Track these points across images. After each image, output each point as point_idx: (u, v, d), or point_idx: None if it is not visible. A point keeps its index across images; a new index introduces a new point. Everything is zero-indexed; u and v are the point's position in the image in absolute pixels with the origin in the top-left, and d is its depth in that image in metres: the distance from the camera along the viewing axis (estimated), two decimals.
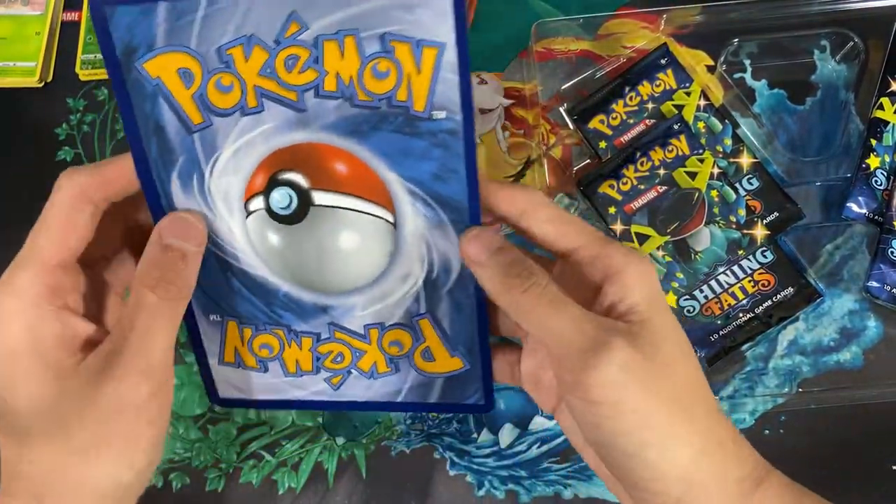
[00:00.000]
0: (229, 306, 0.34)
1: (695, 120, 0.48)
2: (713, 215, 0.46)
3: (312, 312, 0.33)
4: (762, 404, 0.46)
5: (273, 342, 0.35)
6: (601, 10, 0.54)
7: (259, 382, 0.36)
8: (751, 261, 0.46)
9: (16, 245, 0.52)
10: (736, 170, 0.48)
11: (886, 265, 0.45)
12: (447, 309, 0.33)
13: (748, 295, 0.45)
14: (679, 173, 0.46)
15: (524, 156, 0.52)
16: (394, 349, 0.34)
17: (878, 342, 0.47)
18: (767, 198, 0.47)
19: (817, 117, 0.50)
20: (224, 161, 0.30)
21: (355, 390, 0.35)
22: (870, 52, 0.51)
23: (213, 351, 0.35)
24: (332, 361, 0.35)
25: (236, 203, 0.31)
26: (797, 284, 0.46)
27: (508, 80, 0.54)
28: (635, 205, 0.47)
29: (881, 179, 0.47)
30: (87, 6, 0.58)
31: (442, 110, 0.28)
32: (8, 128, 0.55)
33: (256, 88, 0.28)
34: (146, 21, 0.27)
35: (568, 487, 0.46)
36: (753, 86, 0.51)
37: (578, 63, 0.53)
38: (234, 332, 0.34)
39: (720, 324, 0.46)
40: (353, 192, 0.30)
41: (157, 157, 0.30)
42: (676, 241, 0.46)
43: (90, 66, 0.56)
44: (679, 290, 0.46)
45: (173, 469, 0.48)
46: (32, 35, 0.57)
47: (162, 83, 0.28)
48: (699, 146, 0.47)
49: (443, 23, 0.27)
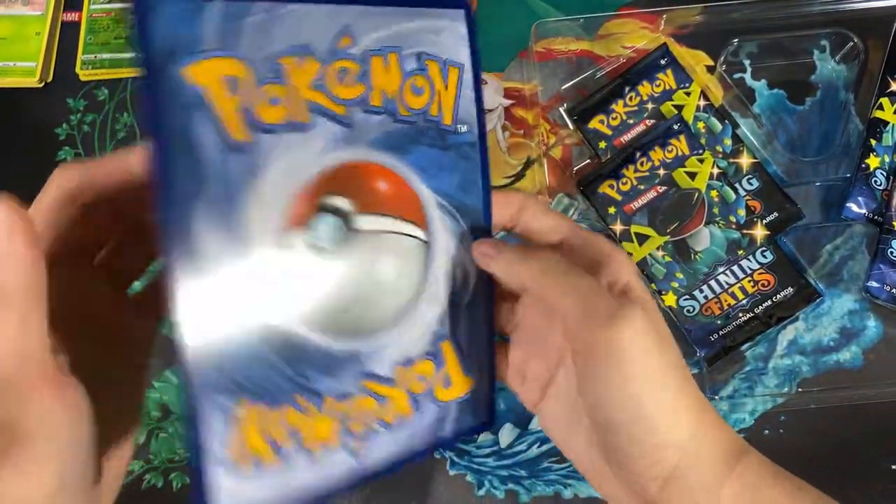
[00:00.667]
0: (244, 377, 0.27)
1: (694, 120, 0.48)
2: (713, 215, 0.46)
3: (342, 362, 0.30)
4: (762, 404, 0.46)
5: (292, 417, 0.28)
6: (601, 10, 0.54)
7: (274, 484, 0.28)
8: (750, 261, 0.46)
9: None
10: (736, 170, 0.48)
11: (886, 265, 0.46)
12: (465, 326, 0.33)
13: (748, 295, 0.45)
14: (679, 173, 0.46)
15: (524, 156, 0.52)
16: (419, 385, 0.32)
17: (878, 342, 0.47)
18: (767, 198, 0.47)
19: (817, 117, 0.50)
20: (264, 186, 0.26)
21: (380, 451, 0.31)
22: (869, 53, 0.51)
23: (214, 450, 0.26)
24: (357, 422, 0.30)
25: (274, 235, 0.27)
26: (797, 284, 0.46)
27: (508, 80, 0.54)
28: (635, 205, 0.47)
29: (881, 179, 0.47)
30: (87, 6, 0.58)
31: (464, 124, 0.31)
32: (8, 128, 0.55)
33: (307, 102, 0.27)
34: (194, 20, 0.24)
35: (568, 487, 0.46)
36: (753, 86, 0.51)
37: (578, 63, 0.53)
38: (247, 413, 0.27)
39: (720, 324, 0.46)
40: (393, 212, 0.30)
41: (181, 180, 0.25)
42: (676, 242, 0.46)
43: (90, 66, 0.56)
44: (679, 290, 0.46)
45: (173, 469, 0.48)
46: (33, 35, 0.57)
47: (204, 92, 0.25)
48: (699, 146, 0.47)
49: (462, 46, 0.30)
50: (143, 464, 0.48)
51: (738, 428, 0.46)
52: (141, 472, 0.48)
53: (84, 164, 0.28)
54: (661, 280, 0.46)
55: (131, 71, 0.56)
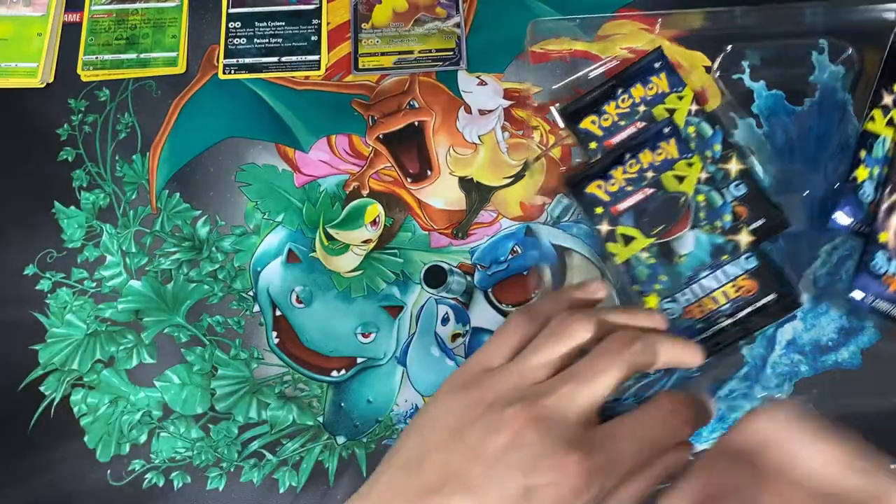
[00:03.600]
0: None
1: (686, 124, 0.48)
2: (699, 220, 0.46)
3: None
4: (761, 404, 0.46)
5: None
6: (600, 11, 0.54)
7: None
8: (734, 266, 0.45)
9: (17, 244, 0.53)
10: (724, 175, 0.47)
11: (869, 277, 0.45)
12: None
13: (730, 300, 0.45)
14: (667, 176, 0.46)
15: (524, 156, 0.53)
16: None
17: (877, 342, 0.47)
18: (754, 204, 0.47)
19: (815, 118, 0.51)
20: None
21: None
22: (865, 63, 0.51)
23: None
24: None
25: None
26: (778, 292, 0.45)
27: (508, 80, 0.54)
28: (622, 206, 0.47)
29: (868, 192, 0.47)
30: (89, 6, 0.58)
31: None
32: (9, 128, 0.56)
33: None
34: None
35: None
36: (752, 86, 0.51)
37: (578, 64, 0.53)
38: None
39: (701, 327, 0.45)
40: None
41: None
42: (661, 244, 0.46)
43: (91, 66, 0.56)
44: (662, 292, 0.46)
45: (174, 468, 0.48)
46: (34, 36, 0.57)
47: None
48: (688, 150, 0.47)
49: None
50: (144, 463, 0.48)
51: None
52: (142, 472, 0.48)
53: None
54: (645, 281, 0.46)
55: (132, 72, 0.56)
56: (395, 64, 0.55)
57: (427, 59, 0.55)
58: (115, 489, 0.48)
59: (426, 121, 0.54)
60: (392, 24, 0.56)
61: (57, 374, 0.50)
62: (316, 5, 0.57)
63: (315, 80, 0.56)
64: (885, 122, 0.47)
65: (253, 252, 0.52)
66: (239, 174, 0.54)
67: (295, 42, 0.56)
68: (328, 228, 0.52)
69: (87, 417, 0.49)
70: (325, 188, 0.53)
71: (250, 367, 0.50)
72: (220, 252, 0.52)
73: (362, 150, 0.54)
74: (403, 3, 0.57)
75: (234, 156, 0.54)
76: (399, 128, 0.54)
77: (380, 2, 0.57)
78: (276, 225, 0.52)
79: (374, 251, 0.52)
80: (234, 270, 0.52)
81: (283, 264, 0.52)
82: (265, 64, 0.56)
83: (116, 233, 0.53)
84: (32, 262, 0.53)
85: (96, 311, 0.51)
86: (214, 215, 0.53)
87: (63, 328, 0.51)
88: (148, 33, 0.57)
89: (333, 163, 0.54)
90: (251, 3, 0.58)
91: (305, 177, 0.53)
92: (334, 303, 0.51)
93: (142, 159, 0.54)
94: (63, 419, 0.49)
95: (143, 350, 0.50)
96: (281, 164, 0.54)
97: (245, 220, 0.53)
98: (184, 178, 0.54)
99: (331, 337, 0.50)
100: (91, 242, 0.53)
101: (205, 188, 0.54)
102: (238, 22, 0.57)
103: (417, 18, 0.57)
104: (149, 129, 0.55)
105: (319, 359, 0.50)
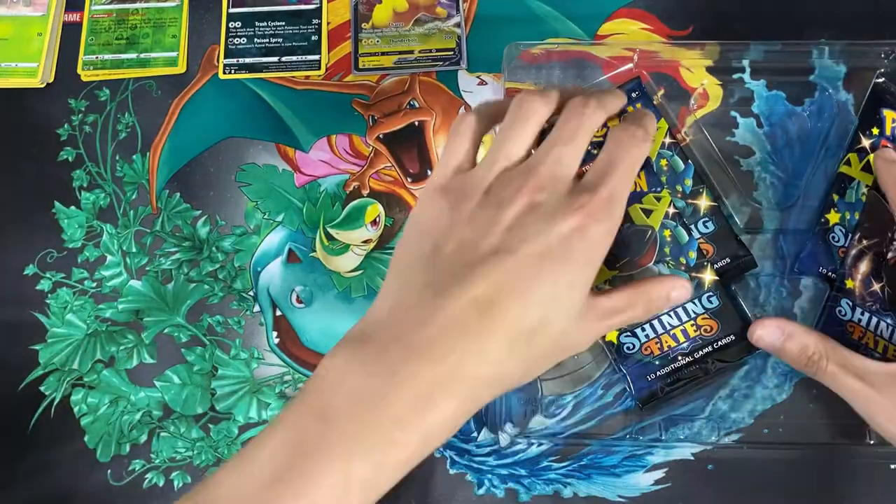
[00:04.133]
0: None
1: (658, 157, 0.47)
2: (663, 255, 0.44)
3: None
4: (761, 403, 0.46)
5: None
6: (599, 11, 0.54)
7: None
8: (696, 304, 0.44)
9: (18, 244, 0.53)
10: (693, 211, 0.46)
11: (832, 324, 0.44)
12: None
13: (689, 338, 0.44)
14: (634, 209, 0.44)
15: None
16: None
17: None
18: (721, 243, 0.46)
19: (815, 118, 0.51)
20: None
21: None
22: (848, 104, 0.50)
23: None
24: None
25: None
26: (737, 334, 0.44)
27: (508, 81, 0.54)
28: None
29: (839, 236, 0.45)
30: (89, 6, 0.58)
31: None
32: (10, 128, 0.56)
33: None
34: None
35: (567, 486, 0.46)
36: (752, 87, 0.51)
37: (578, 64, 0.53)
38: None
39: (657, 364, 0.44)
40: None
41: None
42: (624, 277, 0.44)
43: (92, 66, 0.56)
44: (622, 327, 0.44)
45: (175, 468, 0.48)
46: (34, 36, 0.57)
47: None
48: (658, 184, 0.45)
49: None
50: (145, 463, 0.48)
51: (737, 427, 0.46)
52: (142, 472, 0.48)
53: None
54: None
55: (132, 71, 0.56)
56: (395, 64, 0.55)
57: (427, 58, 0.55)
58: (116, 489, 0.48)
59: (426, 121, 0.54)
60: (392, 24, 0.56)
61: (57, 374, 0.50)
62: (316, 5, 0.57)
63: (315, 79, 0.56)
64: (861, 167, 0.46)
65: (253, 252, 0.52)
66: (239, 174, 0.54)
67: (295, 42, 0.56)
68: (328, 228, 0.52)
69: (88, 417, 0.49)
70: (325, 188, 0.53)
71: (250, 367, 0.50)
72: (221, 252, 0.52)
73: (362, 150, 0.54)
74: (404, 2, 0.57)
75: (235, 156, 0.54)
76: (399, 128, 0.54)
77: (380, 2, 0.57)
78: (276, 225, 0.52)
79: (375, 251, 0.52)
80: (234, 270, 0.52)
81: (284, 264, 0.52)
82: (265, 64, 0.56)
83: (117, 233, 0.53)
84: (33, 262, 0.53)
85: (96, 311, 0.51)
86: (215, 215, 0.53)
87: (63, 328, 0.51)
88: (148, 33, 0.57)
89: (334, 163, 0.54)
90: (251, 3, 0.58)
91: (306, 177, 0.53)
92: (335, 303, 0.51)
93: (142, 159, 0.54)
94: (63, 419, 0.49)
95: (144, 350, 0.50)
96: (281, 164, 0.54)
97: (245, 220, 0.53)
98: (184, 178, 0.54)
99: (331, 337, 0.50)
100: (91, 242, 0.53)
101: (205, 188, 0.54)
102: (238, 22, 0.57)
103: (418, 18, 0.57)
104: (149, 129, 0.55)
105: (320, 359, 0.49)
